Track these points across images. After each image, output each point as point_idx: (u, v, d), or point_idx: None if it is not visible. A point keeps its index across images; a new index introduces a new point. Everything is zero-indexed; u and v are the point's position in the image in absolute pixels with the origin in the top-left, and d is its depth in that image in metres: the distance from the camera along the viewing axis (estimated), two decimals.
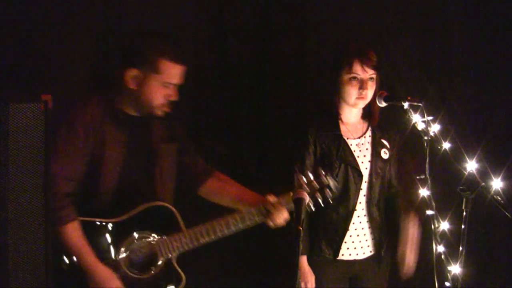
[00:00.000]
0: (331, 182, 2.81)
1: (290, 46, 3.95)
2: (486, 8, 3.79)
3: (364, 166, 3.16)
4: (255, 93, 3.98)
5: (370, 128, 3.21)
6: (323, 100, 3.23)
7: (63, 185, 2.78)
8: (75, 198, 2.82)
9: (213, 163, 3.60)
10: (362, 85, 3.03)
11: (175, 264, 2.91)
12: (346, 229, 3.12)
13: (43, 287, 2.81)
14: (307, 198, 2.55)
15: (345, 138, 3.14)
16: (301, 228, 2.36)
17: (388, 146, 3.18)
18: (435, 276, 2.69)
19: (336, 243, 3.13)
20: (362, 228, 3.16)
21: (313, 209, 2.77)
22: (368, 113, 3.18)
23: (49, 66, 3.49)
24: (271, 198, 2.86)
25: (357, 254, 3.18)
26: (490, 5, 3.78)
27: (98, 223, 2.85)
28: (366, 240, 3.18)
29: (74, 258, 2.80)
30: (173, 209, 2.92)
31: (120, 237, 2.85)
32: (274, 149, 3.80)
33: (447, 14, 3.84)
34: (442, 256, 2.71)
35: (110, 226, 2.86)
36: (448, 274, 2.71)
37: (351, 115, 3.18)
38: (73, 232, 2.79)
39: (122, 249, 2.85)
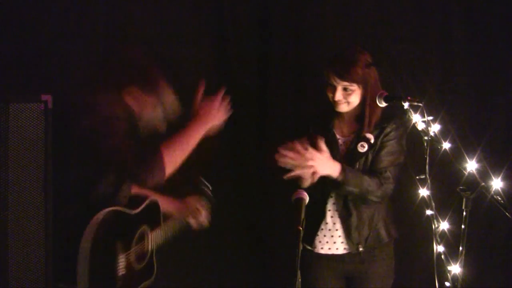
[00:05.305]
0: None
1: (290, 46, 3.95)
2: (486, 8, 3.79)
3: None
4: (255, 94, 3.99)
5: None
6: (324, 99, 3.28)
7: None
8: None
9: (214, 165, 3.62)
10: (334, 92, 3.16)
11: (154, 257, 3.04)
12: (319, 221, 3.23)
13: (43, 287, 2.82)
14: (307, 198, 2.55)
15: (336, 134, 3.25)
16: (301, 228, 2.36)
17: (371, 139, 3.18)
18: (435, 276, 2.69)
19: (311, 236, 3.24)
20: (334, 223, 3.22)
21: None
22: (360, 118, 3.20)
23: (49, 66, 3.49)
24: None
25: (329, 249, 3.23)
26: (490, 5, 3.78)
27: (127, 212, 2.85)
28: (339, 236, 3.21)
29: None
30: (160, 203, 3.09)
31: (134, 228, 2.89)
32: (274, 149, 3.79)
33: (448, 14, 3.83)
34: (442, 256, 2.71)
35: (131, 217, 2.87)
36: (448, 274, 2.71)
37: (342, 116, 3.26)
38: None
39: (134, 240, 2.87)
